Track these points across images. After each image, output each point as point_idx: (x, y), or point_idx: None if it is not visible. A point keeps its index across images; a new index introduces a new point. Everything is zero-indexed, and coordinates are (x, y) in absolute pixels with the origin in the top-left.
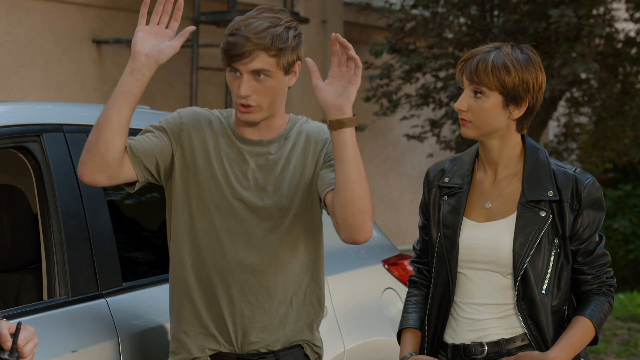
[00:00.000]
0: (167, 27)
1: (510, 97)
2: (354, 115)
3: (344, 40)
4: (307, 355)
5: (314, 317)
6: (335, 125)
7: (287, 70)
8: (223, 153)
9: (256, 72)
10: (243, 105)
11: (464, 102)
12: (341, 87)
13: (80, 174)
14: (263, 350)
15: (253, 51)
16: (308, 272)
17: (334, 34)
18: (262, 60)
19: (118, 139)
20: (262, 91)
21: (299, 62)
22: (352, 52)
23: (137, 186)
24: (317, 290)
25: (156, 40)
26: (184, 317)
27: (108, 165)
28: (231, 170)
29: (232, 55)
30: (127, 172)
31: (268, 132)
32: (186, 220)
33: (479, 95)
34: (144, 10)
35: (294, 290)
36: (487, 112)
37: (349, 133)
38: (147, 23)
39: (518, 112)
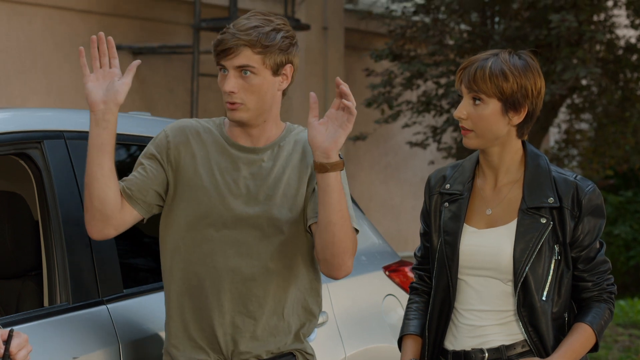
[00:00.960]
0: (110, 67)
1: (509, 104)
2: (340, 158)
3: (344, 86)
4: None
5: (305, 327)
6: (320, 168)
7: (276, 71)
8: (213, 162)
9: (242, 69)
10: (229, 103)
11: (463, 110)
12: (332, 130)
13: (89, 234)
14: None
15: (238, 47)
16: (301, 282)
17: (337, 78)
18: (246, 56)
19: (108, 191)
20: (248, 89)
21: (290, 66)
22: (346, 101)
23: (146, 219)
24: (310, 300)
25: (106, 83)
26: (173, 332)
27: (110, 216)
28: (222, 179)
29: (219, 52)
30: (132, 214)
31: (261, 139)
32: (177, 233)
33: (477, 102)
34: (83, 61)
35: (285, 300)
36: (487, 119)
37: (333, 177)
38: (91, 71)
39: (518, 118)
